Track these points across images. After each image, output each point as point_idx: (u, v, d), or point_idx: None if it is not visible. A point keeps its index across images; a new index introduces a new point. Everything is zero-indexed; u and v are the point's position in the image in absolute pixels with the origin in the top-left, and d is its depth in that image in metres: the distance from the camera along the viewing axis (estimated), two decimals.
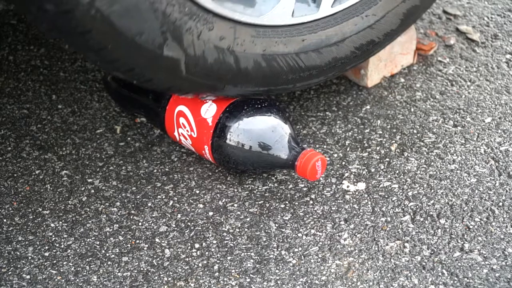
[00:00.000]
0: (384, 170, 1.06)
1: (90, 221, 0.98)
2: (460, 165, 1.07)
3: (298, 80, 1.02)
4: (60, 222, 0.98)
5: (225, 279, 0.89)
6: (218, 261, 0.92)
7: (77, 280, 0.89)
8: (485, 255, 0.92)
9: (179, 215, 0.99)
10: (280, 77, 0.99)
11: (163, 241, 0.95)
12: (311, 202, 1.01)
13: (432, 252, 0.93)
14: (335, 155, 1.09)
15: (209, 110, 1.00)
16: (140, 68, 0.86)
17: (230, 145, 0.99)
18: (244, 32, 0.92)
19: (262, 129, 0.99)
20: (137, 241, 0.95)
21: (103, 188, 1.03)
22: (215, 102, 1.00)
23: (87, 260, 0.92)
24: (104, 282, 0.89)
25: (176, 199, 1.02)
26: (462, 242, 0.94)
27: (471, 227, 0.96)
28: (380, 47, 1.10)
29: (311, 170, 0.95)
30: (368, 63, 1.21)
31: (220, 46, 0.90)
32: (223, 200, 1.01)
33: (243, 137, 0.98)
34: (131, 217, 0.99)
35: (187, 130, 1.02)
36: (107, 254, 0.93)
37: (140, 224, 0.98)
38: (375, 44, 1.07)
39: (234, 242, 0.95)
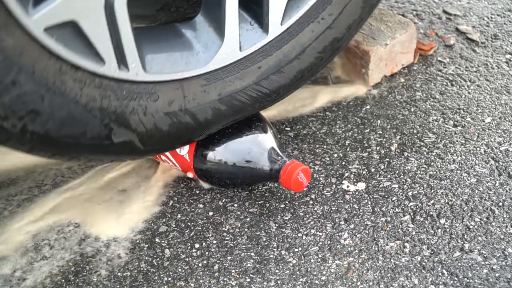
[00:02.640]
0: (384, 170, 1.06)
1: None
2: (460, 165, 1.07)
3: (268, 103, 0.99)
4: (61, 219, 0.98)
5: (225, 279, 0.89)
6: (218, 261, 0.92)
7: (77, 280, 0.89)
8: (485, 255, 0.92)
9: (179, 215, 0.99)
10: (246, 110, 0.96)
11: (163, 241, 0.95)
12: (311, 202, 1.01)
13: (432, 252, 0.93)
14: (335, 155, 1.09)
15: (183, 148, 0.99)
16: (98, 156, 0.85)
17: (213, 173, 0.99)
18: (193, 85, 0.88)
19: (238, 154, 0.97)
20: (138, 241, 0.95)
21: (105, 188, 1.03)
22: None
23: (87, 260, 0.92)
24: (104, 282, 0.89)
25: (176, 199, 1.02)
26: (462, 242, 0.94)
27: (471, 227, 0.96)
28: (347, 40, 1.04)
29: (295, 183, 0.94)
30: (369, 63, 1.21)
31: (171, 111, 0.87)
32: (223, 200, 1.01)
33: (223, 165, 0.97)
34: (131, 217, 0.99)
35: (172, 164, 1.02)
36: (107, 254, 0.93)
37: (140, 224, 0.98)
38: (340, 40, 1.01)
39: (234, 242, 0.95)
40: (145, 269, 0.91)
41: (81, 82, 0.77)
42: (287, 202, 1.01)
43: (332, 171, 1.06)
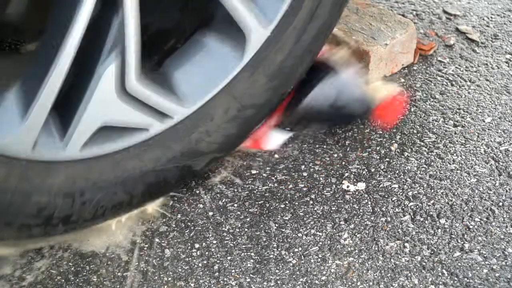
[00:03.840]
0: (384, 170, 1.06)
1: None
2: (460, 165, 1.07)
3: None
4: None
5: (225, 279, 0.89)
6: (218, 261, 0.92)
7: (77, 280, 0.89)
8: (485, 255, 0.92)
9: (179, 215, 0.99)
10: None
11: (163, 241, 0.95)
12: (311, 202, 1.01)
13: (432, 252, 0.93)
14: (335, 155, 1.09)
15: None
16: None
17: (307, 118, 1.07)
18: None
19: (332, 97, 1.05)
20: (138, 241, 0.95)
21: None
22: None
23: (87, 260, 0.92)
24: (104, 282, 0.89)
25: (176, 199, 1.02)
26: (462, 242, 0.94)
27: (471, 227, 0.96)
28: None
29: (391, 116, 1.06)
30: (369, 63, 1.21)
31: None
32: (223, 200, 1.01)
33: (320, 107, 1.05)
34: (131, 217, 0.99)
35: None
36: (107, 254, 0.93)
37: (140, 224, 0.98)
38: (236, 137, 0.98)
39: (234, 242, 0.95)
40: (145, 269, 0.91)
41: None
42: (287, 202, 1.01)
43: (332, 171, 1.06)
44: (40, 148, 0.81)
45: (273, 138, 1.08)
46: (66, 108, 0.82)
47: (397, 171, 1.06)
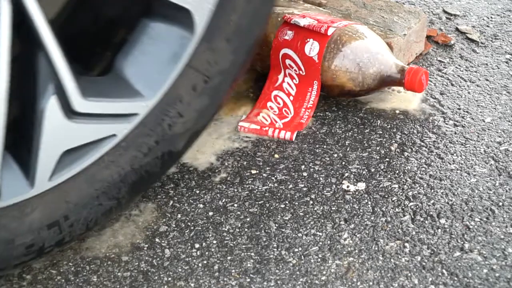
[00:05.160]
0: (384, 170, 1.06)
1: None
2: (460, 165, 1.07)
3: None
4: None
5: (225, 279, 0.89)
6: (218, 261, 0.92)
7: (77, 280, 0.89)
8: (485, 255, 0.92)
9: (179, 215, 0.99)
10: None
11: (163, 241, 0.95)
12: (311, 202, 1.01)
13: (432, 252, 0.93)
14: (335, 155, 1.09)
15: (313, 48, 1.10)
16: None
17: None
18: None
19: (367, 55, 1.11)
20: (137, 241, 0.95)
21: None
22: (316, 40, 1.11)
23: (87, 260, 0.92)
24: (104, 282, 0.89)
25: (176, 199, 1.02)
26: (462, 242, 0.94)
27: (471, 227, 0.96)
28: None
29: (419, 84, 1.10)
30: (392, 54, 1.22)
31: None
32: (223, 200, 1.01)
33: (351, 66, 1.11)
34: (131, 217, 0.99)
35: (295, 70, 1.13)
36: (107, 254, 0.93)
37: (140, 224, 0.98)
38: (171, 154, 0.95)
39: (234, 242, 0.95)
40: (145, 269, 0.91)
41: None
42: (287, 202, 1.01)
43: (332, 171, 1.06)
44: (7, 194, 0.80)
45: None
46: (22, 148, 0.82)
47: (397, 171, 1.06)
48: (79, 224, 0.87)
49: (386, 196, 1.02)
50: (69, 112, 0.81)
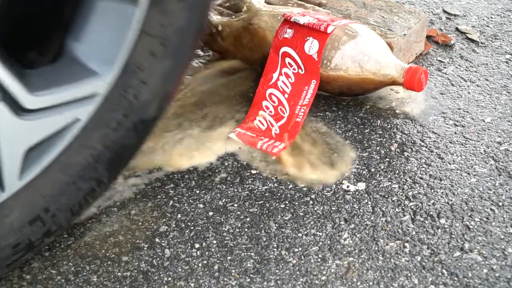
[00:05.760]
0: (384, 170, 1.06)
1: (90, 221, 0.98)
2: (460, 165, 1.07)
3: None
4: None
5: (225, 279, 0.89)
6: (218, 261, 0.92)
7: (77, 280, 0.89)
8: (485, 255, 0.92)
9: (179, 215, 0.99)
10: None
11: (163, 241, 0.95)
12: (311, 202, 1.01)
13: (432, 252, 0.93)
14: (335, 155, 1.09)
15: (312, 47, 1.11)
16: None
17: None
18: None
19: (366, 54, 1.12)
20: (137, 241, 0.95)
21: None
22: (316, 38, 1.12)
23: (87, 260, 0.92)
24: (104, 282, 0.89)
25: (176, 199, 1.02)
26: (462, 242, 0.94)
27: (471, 227, 0.96)
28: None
29: (418, 83, 1.10)
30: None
31: None
32: (223, 200, 1.01)
33: (350, 65, 1.12)
34: (131, 217, 0.99)
35: (294, 68, 1.13)
36: (107, 254, 0.93)
37: (140, 224, 0.98)
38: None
39: (234, 242, 0.95)
40: (145, 269, 0.91)
41: None
42: (287, 202, 1.01)
43: (332, 171, 1.06)
44: None
45: None
46: None
47: (397, 171, 1.06)
48: (62, 212, 0.86)
49: (386, 196, 1.02)
50: (20, 111, 0.79)
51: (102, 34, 0.84)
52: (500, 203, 1.00)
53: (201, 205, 1.01)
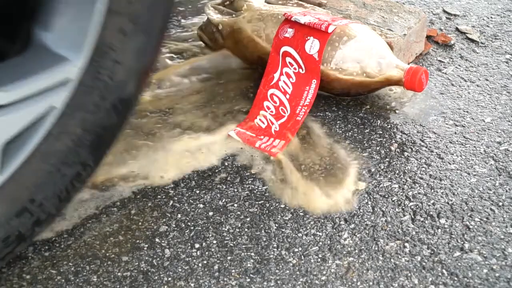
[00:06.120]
0: (384, 170, 1.06)
1: (90, 221, 0.98)
2: (460, 165, 1.07)
3: None
4: (60, 222, 0.98)
5: (225, 279, 0.89)
6: (218, 261, 0.92)
7: (77, 280, 0.89)
8: (485, 255, 0.92)
9: (179, 215, 0.99)
10: None
11: (163, 241, 0.95)
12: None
13: (432, 252, 0.93)
14: (335, 155, 1.09)
15: (313, 46, 1.11)
16: None
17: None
18: None
19: (367, 54, 1.12)
20: (137, 241, 0.95)
21: (103, 187, 1.03)
22: (316, 38, 1.12)
23: (87, 260, 0.92)
24: (104, 282, 0.89)
25: (176, 199, 1.02)
26: (462, 242, 0.94)
27: (471, 227, 0.96)
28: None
29: (419, 83, 1.11)
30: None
31: None
32: (223, 200, 1.01)
33: (351, 65, 1.12)
34: (131, 217, 0.99)
35: (295, 68, 1.13)
36: (107, 254, 0.93)
37: (140, 224, 0.98)
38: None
39: (234, 242, 0.95)
40: (145, 269, 0.91)
41: None
42: (287, 202, 1.01)
43: (332, 171, 1.06)
44: None
45: None
46: None
47: (397, 171, 1.06)
48: (49, 201, 0.86)
49: (386, 196, 1.02)
50: None
51: (68, 19, 0.83)
52: (500, 203, 1.00)
53: (201, 205, 1.01)
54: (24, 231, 0.85)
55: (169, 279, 0.90)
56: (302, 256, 0.93)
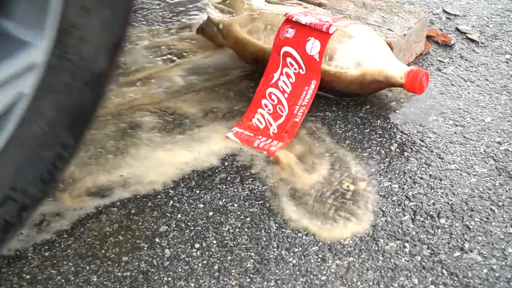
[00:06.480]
0: (384, 170, 1.06)
1: (90, 221, 0.98)
2: (460, 165, 1.07)
3: None
4: (60, 222, 0.98)
5: (225, 279, 0.89)
6: (218, 261, 0.92)
7: (77, 280, 0.89)
8: (485, 255, 0.92)
9: (179, 215, 0.99)
10: None
11: (163, 241, 0.95)
12: (310, 201, 1.01)
13: (432, 252, 0.93)
14: (335, 155, 1.09)
15: (314, 47, 1.11)
16: None
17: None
18: None
19: (367, 55, 1.13)
20: (137, 241, 0.95)
21: (103, 187, 1.03)
22: (317, 39, 1.12)
23: (87, 260, 0.92)
24: (104, 282, 0.89)
25: (176, 199, 1.02)
26: (462, 242, 0.94)
27: (471, 227, 0.97)
28: None
29: (419, 85, 1.11)
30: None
31: None
32: (223, 200, 1.01)
33: (351, 66, 1.12)
34: (131, 217, 0.99)
35: (295, 68, 1.13)
36: (107, 254, 0.93)
37: (140, 224, 0.98)
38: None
39: (234, 242, 0.95)
40: (145, 269, 0.91)
41: None
42: (287, 202, 1.01)
43: (332, 171, 1.06)
44: None
45: None
46: None
47: (397, 171, 1.06)
48: (32, 185, 0.85)
49: (386, 196, 1.02)
50: None
51: (27, 3, 0.81)
52: (500, 203, 1.00)
53: (201, 205, 1.01)
54: (10, 218, 0.84)
55: (169, 279, 0.90)
56: (302, 256, 0.93)
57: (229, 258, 0.92)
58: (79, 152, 0.91)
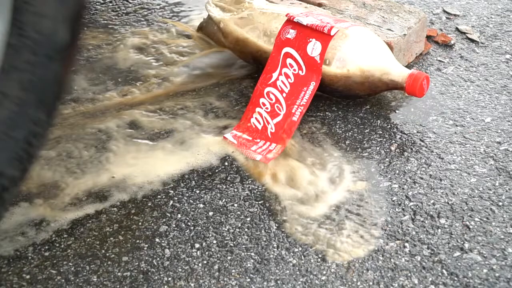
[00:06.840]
0: (384, 170, 1.06)
1: (90, 221, 0.98)
2: (460, 165, 1.07)
3: None
4: (60, 222, 0.98)
5: (225, 279, 0.89)
6: (218, 261, 0.92)
7: (77, 280, 0.89)
8: (484, 255, 0.92)
9: (179, 215, 0.99)
10: None
11: (163, 241, 0.95)
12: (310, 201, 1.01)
13: (432, 252, 0.93)
14: (335, 155, 1.09)
15: (315, 48, 1.11)
16: None
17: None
18: None
19: (368, 57, 1.13)
20: (137, 241, 0.95)
21: (103, 187, 1.03)
22: (318, 40, 1.12)
23: (87, 260, 0.92)
24: (104, 282, 0.89)
25: (176, 199, 1.02)
26: (462, 242, 0.94)
27: (470, 227, 0.97)
28: None
29: (420, 89, 1.11)
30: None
31: None
32: (223, 200, 1.01)
33: (352, 67, 1.12)
34: (131, 217, 0.99)
35: (294, 69, 1.13)
36: (107, 254, 0.93)
37: (140, 224, 0.98)
38: None
39: (234, 242, 0.95)
40: (145, 269, 0.91)
41: None
42: (287, 202, 1.01)
43: (332, 171, 1.06)
44: None
45: None
46: None
47: (397, 171, 1.06)
48: (8, 166, 0.84)
49: (386, 196, 1.02)
50: None
51: None
52: (500, 203, 1.00)
53: (201, 205, 1.01)
54: None
55: (169, 279, 0.90)
56: (302, 256, 0.93)
57: (229, 258, 0.92)
58: (54, 124, 0.89)
